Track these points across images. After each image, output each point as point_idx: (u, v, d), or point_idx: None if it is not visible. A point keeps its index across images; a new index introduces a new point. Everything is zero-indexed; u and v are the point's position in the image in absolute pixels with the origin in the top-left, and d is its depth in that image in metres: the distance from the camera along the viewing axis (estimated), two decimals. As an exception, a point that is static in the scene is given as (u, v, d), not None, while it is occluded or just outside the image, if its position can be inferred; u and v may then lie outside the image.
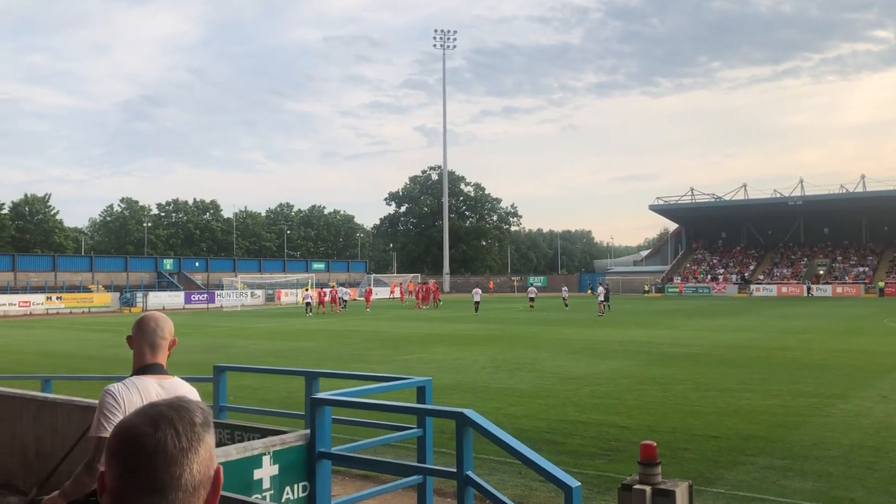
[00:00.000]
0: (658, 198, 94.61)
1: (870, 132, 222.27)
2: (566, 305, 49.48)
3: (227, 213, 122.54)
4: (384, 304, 64.41)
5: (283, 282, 74.24)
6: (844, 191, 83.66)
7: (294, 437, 4.56)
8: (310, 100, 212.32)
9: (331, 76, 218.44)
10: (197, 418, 1.32)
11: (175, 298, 62.98)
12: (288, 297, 70.83)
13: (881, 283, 71.34)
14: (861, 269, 79.26)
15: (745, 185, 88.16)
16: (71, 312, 55.54)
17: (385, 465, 4.84)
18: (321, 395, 4.73)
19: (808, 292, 71.89)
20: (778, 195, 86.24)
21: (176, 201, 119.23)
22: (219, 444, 5.23)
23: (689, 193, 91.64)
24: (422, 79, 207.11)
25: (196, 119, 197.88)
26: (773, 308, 49.14)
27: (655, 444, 4.78)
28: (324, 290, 54.84)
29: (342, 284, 69.94)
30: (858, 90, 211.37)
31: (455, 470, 4.05)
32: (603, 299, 43.42)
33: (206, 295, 65.26)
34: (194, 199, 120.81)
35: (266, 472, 4.31)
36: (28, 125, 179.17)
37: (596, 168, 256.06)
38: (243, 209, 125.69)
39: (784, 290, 75.17)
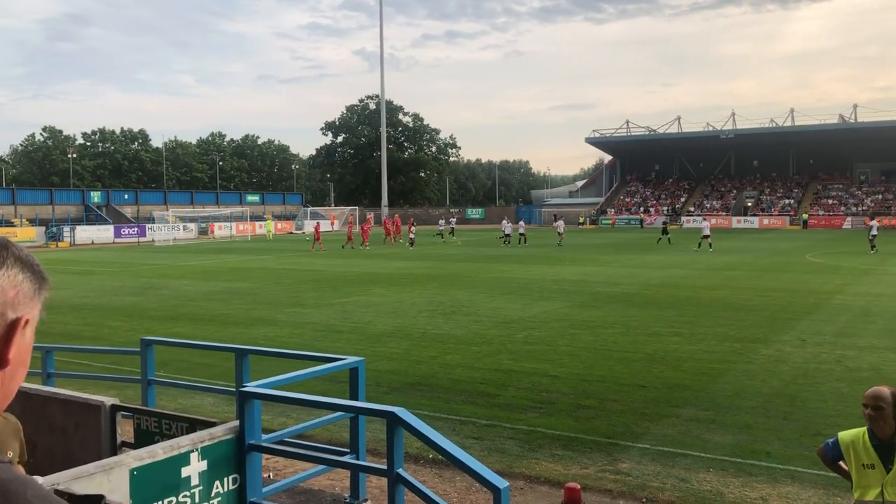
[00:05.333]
0: (594, 130, 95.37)
1: (803, 62, 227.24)
2: (516, 243, 48.65)
3: (157, 142, 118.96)
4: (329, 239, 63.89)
5: (217, 214, 72.79)
6: (774, 124, 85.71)
7: (223, 431, 4.50)
8: (244, 20, 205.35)
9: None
10: None
11: (104, 233, 61.22)
12: (221, 230, 69.59)
13: (805, 216, 73.95)
14: (787, 201, 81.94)
15: (678, 118, 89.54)
16: (-7, 248, 53.43)
17: (316, 458, 4.84)
18: (250, 387, 4.65)
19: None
20: (710, 128, 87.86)
21: (102, 130, 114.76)
22: (146, 433, 5.14)
23: (625, 126, 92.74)
24: (362, 0, 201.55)
25: (124, 39, 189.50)
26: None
27: (579, 487, 4.83)
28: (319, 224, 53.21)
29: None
30: (796, 20, 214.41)
31: (385, 467, 4.06)
32: (561, 231, 48.24)
33: (136, 229, 63.60)
34: (122, 129, 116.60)
35: (194, 468, 4.26)
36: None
37: (536, 96, 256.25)
38: (173, 139, 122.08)
39: (713, 221, 77.17)
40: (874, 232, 39.20)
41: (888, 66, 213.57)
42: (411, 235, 48.13)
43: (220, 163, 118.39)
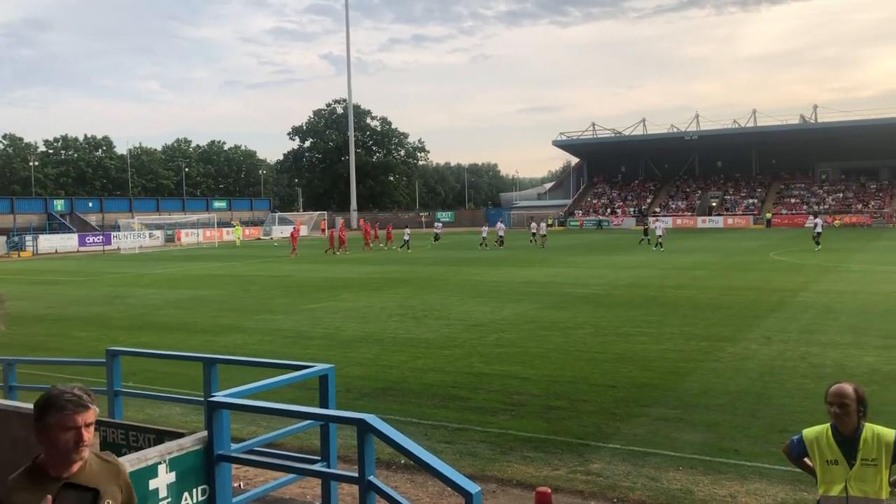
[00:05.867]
0: (561, 133, 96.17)
1: (765, 64, 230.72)
2: (494, 246, 48.29)
3: (121, 149, 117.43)
4: (301, 244, 63.52)
5: (183, 221, 71.95)
6: (737, 125, 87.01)
7: (191, 441, 4.45)
8: (209, 25, 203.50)
9: (232, 0, 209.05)
10: None
11: (68, 241, 60.19)
12: (188, 237, 68.80)
13: (768, 215, 75.15)
14: (751, 200, 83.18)
15: (643, 120, 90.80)
16: (-48, 259, 52.35)
17: (287, 467, 4.80)
18: (218, 396, 4.61)
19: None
20: (675, 130, 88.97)
21: (65, 137, 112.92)
22: (112, 445, 5.06)
23: (591, 129, 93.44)
24: (328, 4, 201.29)
25: (86, 45, 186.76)
26: (669, 241, 51.11)
27: (550, 491, 4.86)
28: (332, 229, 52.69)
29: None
30: (757, 22, 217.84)
31: (357, 475, 4.04)
32: (544, 233, 48.81)
33: (101, 237, 62.61)
34: (85, 136, 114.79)
35: (162, 480, 4.20)
36: None
37: (504, 99, 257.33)
38: (138, 145, 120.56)
39: (679, 221, 78.20)
40: (818, 230, 40.91)
41: (846, 68, 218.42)
42: (406, 237, 47.90)
43: (187, 169, 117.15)
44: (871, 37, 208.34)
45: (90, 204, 74.88)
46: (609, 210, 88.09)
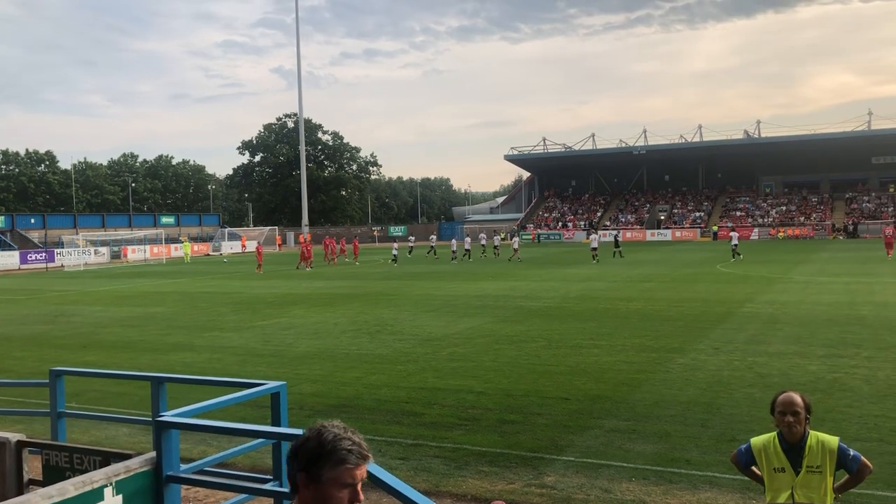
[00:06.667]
0: (513, 147, 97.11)
1: (711, 80, 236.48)
2: (451, 258, 48.41)
3: (65, 163, 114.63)
4: (251, 260, 62.70)
5: (130, 237, 70.55)
6: (683, 140, 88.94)
7: (139, 463, 4.33)
8: (156, 38, 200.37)
9: (179, 13, 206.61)
10: None
11: (9, 259, 58.43)
12: (135, 253, 67.41)
13: (715, 228, 76.78)
14: (698, 213, 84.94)
15: (593, 135, 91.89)
16: None
17: (238, 487, 4.70)
18: (167, 416, 4.50)
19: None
20: (624, 145, 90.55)
21: (6, 152, 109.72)
22: (55, 469, 4.91)
23: (542, 143, 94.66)
24: (278, 17, 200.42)
25: (26, 58, 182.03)
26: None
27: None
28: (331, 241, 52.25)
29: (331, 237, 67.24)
30: (704, 39, 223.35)
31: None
32: (517, 247, 48.69)
33: (44, 254, 60.97)
34: (27, 150, 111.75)
35: (108, 504, 4.08)
36: None
37: (457, 114, 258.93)
38: (83, 160, 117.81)
39: (629, 235, 79.38)
40: (735, 242, 43.91)
41: (788, 84, 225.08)
42: (394, 252, 48.59)
43: (133, 184, 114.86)
44: (811, 55, 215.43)
45: (32, 220, 72.97)
46: (560, 224, 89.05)
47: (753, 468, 4.40)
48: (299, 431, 4.53)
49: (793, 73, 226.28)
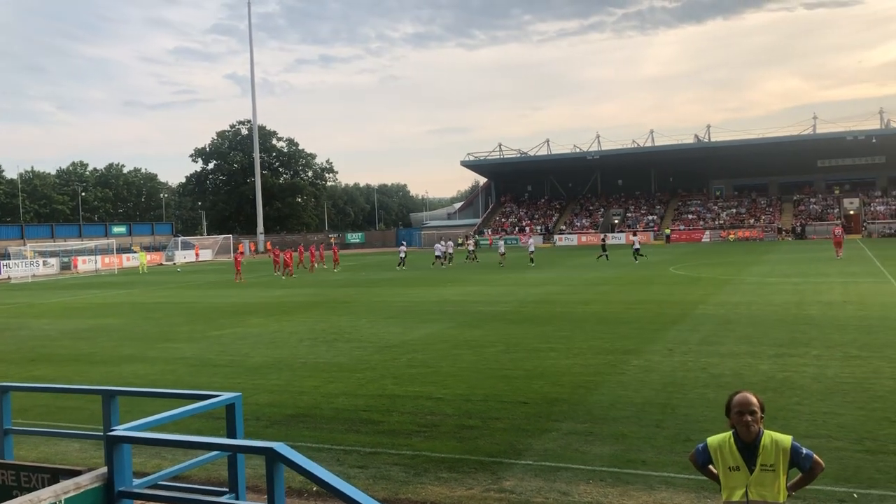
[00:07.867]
0: (469, 153, 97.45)
1: (662, 85, 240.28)
2: (399, 264, 48.76)
3: (11, 173, 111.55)
4: (205, 269, 61.83)
5: (80, 248, 68.95)
6: (636, 145, 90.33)
7: (90, 479, 4.23)
8: (107, 44, 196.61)
9: (130, 18, 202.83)
10: None
11: (-48, 272, 56.63)
12: (86, 264, 65.92)
13: (668, 231, 78.07)
14: (651, 217, 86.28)
15: (548, 141, 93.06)
16: None
17: (193, 500, 4.62)
18: (119, 430, 4.41)
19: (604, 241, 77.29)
20: (578, 150, 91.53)
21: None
22: (2, 488, 4.77)
23: (498, 149, 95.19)
24: (232, 24, 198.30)
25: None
26: (574, 258, 52.41)
27: None
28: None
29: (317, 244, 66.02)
30: (655, 45, 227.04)
31: (267, 506, 3.93)
32: (503, 252, 49.08)
33: (-11, 266, 59.23)
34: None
35: (58, 523, 3.97)
36: None
37: (413, 120, 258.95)
38: (30, 169, 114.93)
39: (584, 239, 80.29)
40: (636, 246, 45.40)
41: (737, 89, 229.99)
42: (402, 255, 48.40)
43: (83, 193, 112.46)
44: (759, 60, 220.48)
45: (-23, 231, 70.90)
46: (517, 228, 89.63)
47: (710, 467, 4.47)
48: (256, 443, 4.48)
49: (742, 78, 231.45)
